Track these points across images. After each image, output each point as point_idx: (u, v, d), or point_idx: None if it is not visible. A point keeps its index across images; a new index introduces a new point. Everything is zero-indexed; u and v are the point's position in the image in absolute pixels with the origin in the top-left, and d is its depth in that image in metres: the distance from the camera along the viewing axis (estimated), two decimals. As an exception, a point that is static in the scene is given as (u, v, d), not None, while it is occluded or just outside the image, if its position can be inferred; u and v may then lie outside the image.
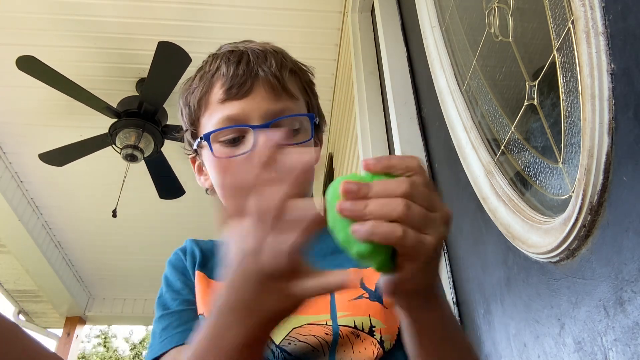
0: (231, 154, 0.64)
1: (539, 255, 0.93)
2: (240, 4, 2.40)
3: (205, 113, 0.68)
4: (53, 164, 2.78)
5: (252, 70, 0.65)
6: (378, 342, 0.56)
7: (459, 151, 1.37)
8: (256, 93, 0.65)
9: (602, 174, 0.74)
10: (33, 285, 4.09)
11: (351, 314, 0.57)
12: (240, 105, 0.64)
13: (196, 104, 0.69)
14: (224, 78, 0.66)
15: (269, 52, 0.69)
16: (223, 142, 0.65)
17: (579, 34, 0.78)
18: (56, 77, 2.32)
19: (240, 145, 0.64)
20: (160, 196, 3.04)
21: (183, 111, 0.73)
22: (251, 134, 0.63)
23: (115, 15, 2.43)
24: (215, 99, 0.66)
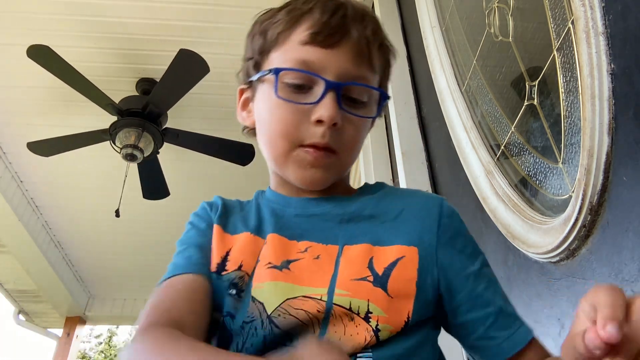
0: (293, 99, 0.60)
1: (539, 255, 0.94)
2: (240, 4, 2.40)
3: (280, 48, 0.63)
4: (39, 154, 2.78)
5: (346, 26, 0.62)
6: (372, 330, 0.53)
7: (459, 151, 1.37)
8: (341, 49, 0.61)
9: (602, 174, 0.74)
10: (33, 285, 4.08)
11: (349, 295, 0.54)
12: (321, 55, 0.60)
13: (275, 35, 0.63)
14: (313, 21, 0.61)
15: (367, 15, 0.65)
16: (288, 84, 0.61)
17: (579, 34, 0.78)
18: (67, 68, 2.32)
19: (304, 94, 0.61)
20: (144, 196, 3.04)
21: (255, 38, 0.67)
22: (320, 86, 0.60)
23: (116, 15, 2.43)
24: (297, 38, 0.61)
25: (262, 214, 0.65)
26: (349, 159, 0.65)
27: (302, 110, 0.60)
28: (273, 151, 0.63)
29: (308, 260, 0.57)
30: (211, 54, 2.47)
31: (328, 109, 0.58)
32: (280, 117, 0.61)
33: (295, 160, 0.61)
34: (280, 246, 0.59)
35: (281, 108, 0.61)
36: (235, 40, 2.52)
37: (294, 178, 0.62)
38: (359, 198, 0.65)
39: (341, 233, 0.60)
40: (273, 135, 0.62)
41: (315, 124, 0.59)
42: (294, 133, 0.60)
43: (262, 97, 0.65)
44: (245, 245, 0.60)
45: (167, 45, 2.57)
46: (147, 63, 2.69)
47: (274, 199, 0.67)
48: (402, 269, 0.56)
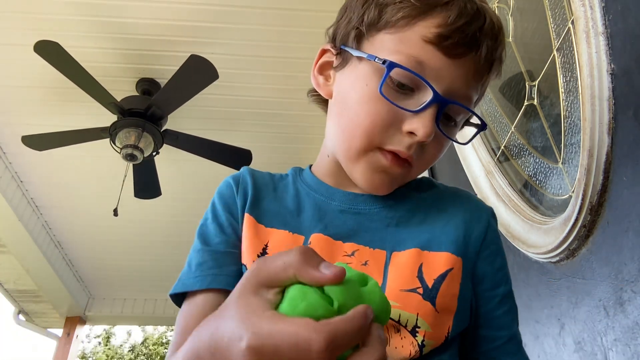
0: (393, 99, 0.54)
1: (539, 255, 0.93)
2: (240, 4, 2.39)
3: (396, 33, 0.55)
4: (33, 148, 2.78)
5: (479, 40, 0.54)
6: (418, 345, 0.51)
7: (459, 151, 1.37)
8: (464, 63, 0.54)
9: (602, 174, 0.74)
10: (33, 285, 4.08)
11: (399, 306, 0.51)
12: (441, 62, 0.53)
13: (396, 17, 0.55)
14: (446, 19, 0.53)
15: (501, 33, 0.58)
16: (392, 79, 0.54)
17: (579, 34, 0.78)
18: (73, 65, 2.32)
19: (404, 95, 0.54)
20: (136, 194, 3.04)
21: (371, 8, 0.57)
22: (426, 96, 0.53)
23: (116, 15, 2.42)
24: (421, 32, 0.54)
25: (302, 202, 0.61)
26: (419, 173, 0.60)
27: (397, 113, 0.54)
28: (348, 143, 0.57)
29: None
30: (211, 53, 2.47)
31: (426, 126, 0.53)
32: (371, 113, 0.55)
33: (368, 162, 0.57)
34: (326, 247, 0.56)
35: (377, 104, 0.55)
36: (239, 40, 2.52)
37: (361, 178, 0.58)
38: (408, 199, 0.61)
39: (389, 237, 0.57)
40: (357, 127, 0.56)
41: (406, 134, 0.54)
42: (380, 135, 0.55)
43: (356, 78, 0.58)
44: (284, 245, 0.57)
45: (168, 45, 2.57)
46: (147, 63, 2.69)
47: (316, 188, 0.62)
48: (449, 282, 0.54)
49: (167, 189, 3.14)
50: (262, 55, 2.62)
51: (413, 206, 0.60)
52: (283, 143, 3.06)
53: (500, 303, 0.58)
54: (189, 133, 2.76)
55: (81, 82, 2.41)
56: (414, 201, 0.61)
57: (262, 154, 2.93)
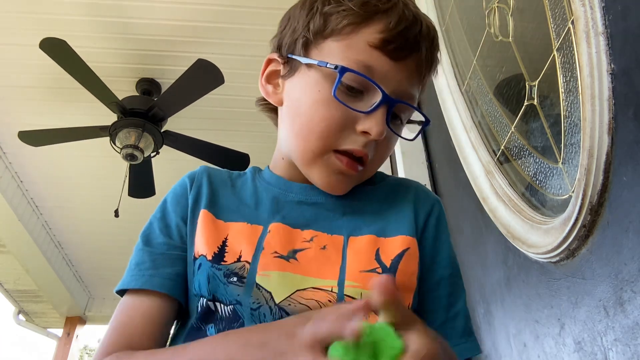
0: (345, 102, 0.56)
1: (539, 255, 0.93)
2: (241, 5, 2.39)
3: (343, 41, 0.58)
4: (29, 144, 2.78)
5: (418, 43, 0.58)
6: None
7: (459, 151, 1.37)
8: (406, 65, 0.58)
9: (602, 174, 0.74)
10: (33, 285, 4.08)
11: (360, 286, 0.54)
12: (386, 65, 0.57)
13: (341, 25, 0.58)
14: (388, 25, 0.57)
15: (436, 36, 0.62)
16: (343, 83, 0.56)
17: (579, 34, 0.78)
18: (78, 63, 2.32)
19: (354, 97, 0.57)
20: (130, 193, 3.04)
21: (313, 16, 0.60)
22: (376, 97, 0.56)
23: (117, 15, 2.42)
24: (366, 38, 0.57)
25: (260, 197, 0.63)
26: (373, 170, 0.64)
27: (349, 115, 0.57)
28: (303, 147, 0.60)
29: (315, 250, 0.57)
30: (211, 54, 2.47)
31: (378, 124, 0.56)
32: (326, 117, 0.57)
33: (325, 164, 0.59)
34: (285, 235, 0.58)
35: (330, 108, 0.57)
36: (239, 40, 2.52)
37: (318, 180, 0.61)
38: (362, 191, 0.64)
39: (345, 224, 0.60)
40: (311, 132, 0.58)
41: (360, 134, 0.57)
42: (335, 137, 0.58)
43: (307, 84, 0.60)
44: (243, 235, 0.59)
45: (168, 45, 2.57)
46: (148, 63, 2.69)
47: (274, 183, 0.65)
48: (407, 261, 0.57)
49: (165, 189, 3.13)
50: (262, 56, 2.59)
51: (367, 197, 0.64)
52: (283, 143, 3.06)
53: (437, 286, 0.61)
54: (189, 132, 2.76)
55: (85, 81, 2.41)
56: (368, 193, 0.64)
57: (262, 154, 2.93)
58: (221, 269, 0.55)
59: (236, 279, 0.54)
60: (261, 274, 0.54)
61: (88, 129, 2.70)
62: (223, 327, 0.54)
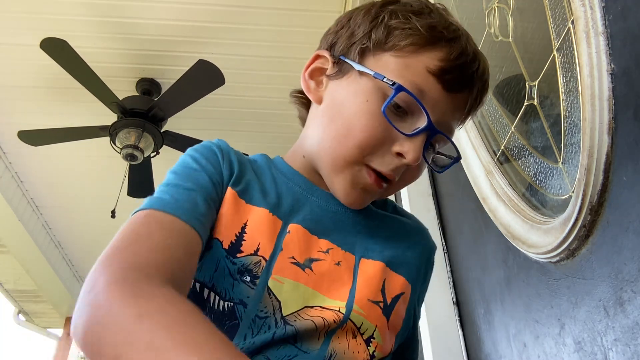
0: (391, 120, 0.56)
1: (539, 255, 0.93)
2: (241, 4, 2.39)
3: (402, 58, 0.57)
4: (28, 143, 2.78)
5: (473, 80, 0.58)
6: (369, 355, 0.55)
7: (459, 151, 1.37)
8: (457, 99, 0.58)
9: (602, 174, 0.74)
10: (33, 285, 4.09)
11: (364, 315, 0.55)
12: (439, 94, 0.56)
13: (405, 42, 0.57)
14: (449, 55, 0.56)
15: (487, 74, 0.62)
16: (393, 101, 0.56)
17: (579, 34, 0.78)
18: (79, 64, 2.33)
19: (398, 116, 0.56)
20: (129, 192, 3.05)
21: (377, 25, 0.59)
22: (420, 122, 0.56)
23: (116, 15, 2.43)
24: (426, 62, 0.56)
25: (280, 189, 0.61)
26: (393, 192, 0.63)
27: (390, 133, 0.56)
28: (337, 152, 0.58)
29: (329, 263, 0.57)
30: (211, 54, 2.47)
31: (416, 150, 0.55)
32: (368, 128, 0.56)
33: (352, 175, 0.58)
34: (304, 240, 0.57)
35: (374, 121, 0.56)
36: (239, 40, 2.52)
37: (340, 189, 0.59)
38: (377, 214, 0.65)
39: (358, 242, 0.60)
40: (349, 139, 0.57)
41: (394, 155, 0.56)
42: (371, 151, 0.57)
43: (356, 91, 0.58)
44: (263, 225, 0.56)
45: (168, 45, 2.57)
46: (148, 63, 2.69)
47: (295, 179, 0.62)
48: (400, 304, 0.60)
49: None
50: (262, 56, 2.62)
51: (381, 222, 0.65)
52: (284, 143, 3.06)
53: (415, 330, 0.67)
54: (189, 133, 2.76)
55: (85, 81, 2.41)
56: (383, 217, 0.66)
57: (262, 154, 2.93)
58: (236, 264, 0.53)
59: (249, 278, 0.53)
60: (275, 277, 0.53)
61: (88, 129, 2.70)
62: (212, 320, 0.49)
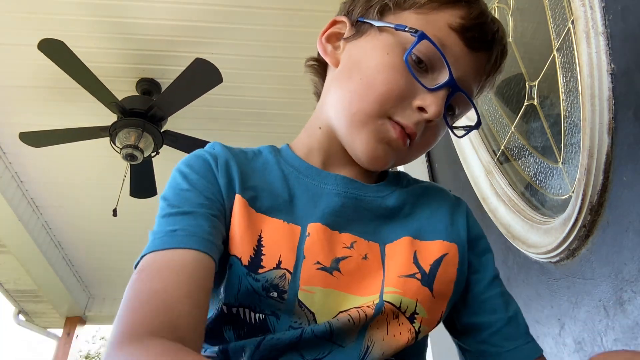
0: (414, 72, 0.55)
1: (539, 255, 0.93)
2: (241, 4, 2.39)
3: (423, 15, 0.57)
4: (30, 145, 2.78)
5: (493, 41, 0.58)
6: (415, 332, 0.51)
7: (459, 151, 1.37)
8: (476, 58, 0.57)
9: (602, 174, 0.74)
10: (33, 285, 4.08)
11: (400, 292, 0.51)
12: (460, 50, 0.56)
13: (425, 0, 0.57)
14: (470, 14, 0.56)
15: (505, 39, 0.62)
16: (413, 53, 0.55)
17: (579, 34, 0.78)
18: (77, 64, 2.32)
19: (421, 73, 0.55)
20: (132, 193, 3.05)
21: None
22: (442, 77, 0.55)
23: (117, 15, 2.42)
24: (447, 18, 0.56)
25: (292, 188, 0.58)
26: (415, 156, 0.61)
27: (412, 86, 0.55)
28: (357, 107, 0.56)
29: (357, 260, 0.54)
30: (211, 54, 2.47)
31: (438, 104, 0.54)
32: (389, 81, 0.55)
33: (376, 130, 0.56)
34: (326, 240, 0.54)
35: (396, 73, 0.55)
36: (239, 40, 2.52)
37: (362, 147, 0.57)
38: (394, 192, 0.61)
39: (379, 228, 0.57)
40: (371, 92, 0.55)
41: (415, 109, 0.55)
42: (393, 104, 0.55)
43: (375, 46, 0.57)
44: (280, 236, 0.53)
45: (168, 45, 2.57)
46: (148, 63, 2.69)
47: (305, 172, 0.59)
48: (445, 267, 0.55)
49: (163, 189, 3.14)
50: (262, 56, 2.62)
51: (400, 199, 0.61)
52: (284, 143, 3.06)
53: (489, 286, 0.59)
54: (189, 133, 2.76)
55: (84, 81, 2.41)
56: (400, 194, 0.61)
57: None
58: (259, 280, 0.50)
59: (276, 294, 0.50)
60: (304, 289, 0.50)
61: (89, 130, 2.70)
62: (245, 334, 0.50)
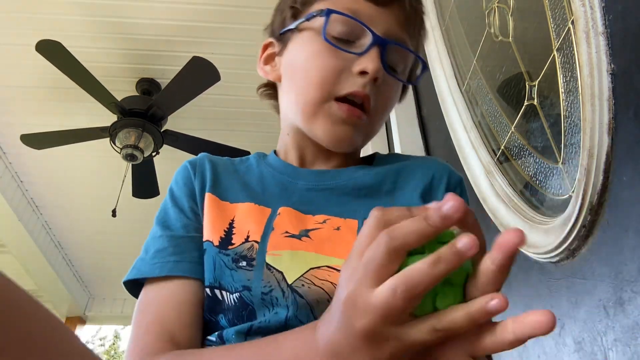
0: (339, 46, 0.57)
1: (539, 255, 0.93)
2: (240, 4, 2.39)
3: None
4: (32, 147, 2.79)
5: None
6: None
7: (459, 151, 1.37)
8: (392, 10, 0.59)
9: (602, 174, 0.74)
10: (33, 285, 4.08)
11: None
12: (372, 10, 0.58)
13: None
14: None
15: None
16: (333, 34, 0.58)
17: (579, 34, 0.78)
18: (75, 65, 2.33)
19: (349, 44, 0.58)
20: (134, 194, 3.05)
21: None
22: (367, 39, 0.57)
23: (117, 15, 2.43)
24: None
25: (265, 183, 0.61)
26: (378, 123, 0.63)
27: (344, 59, 0.57)
28: (304, 100, 0.59)
29: (328, 230, 0.54)
30: (211, 54, 2.47)
31: (374, 61, 0.56)
32: (321, 65, 0.58)
33: (326, 114, 0.58)
34: (296, 218, 0.56)
35: (323, 55, 0.58)
36: (239, 40, 2.52)
37: (323, 133, 0.59)
38: (375, 169, 0.62)
39: (359, 207, 0.57)
40: (308, 83, 0.58)
41: (357, 75, 0.56)
42: (333, 82, 0.57)
43: (299, 45, 0.61)
44: (250, 216, 0.56)
45: (168, 45, 2.57)
46: (147, 63, 2.69)
47: (281, 169, 0.63)
48: None
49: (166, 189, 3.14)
50: (262, 55, 2.63)
51: (378, 177, 0.61)
52: (283, 143, 3.07)
53: None
54: (189, 133, 2.77)
55: (82, 82, 2.41)
56: (379, 172, 0.62)
57: (262, 154, 2.93)
58: (229, 254, 0.53)
59: (245, 262, 0.52)
60: (271, 253, 0.52)
61: (89, 131, 2.71)
62: (232, 317, 0.51)
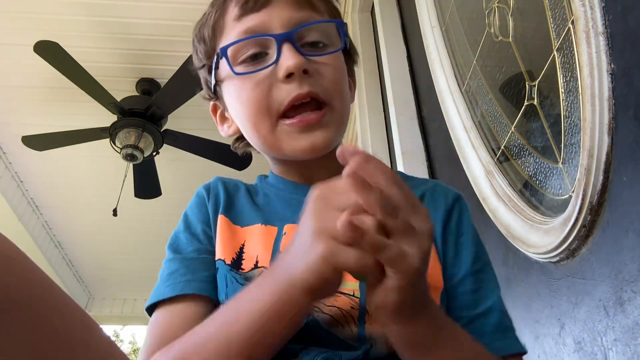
0: (253, 70, 0.58)
1: (539, 255, 0.93)
2: (240, 4, 2.40)
3: (221, 38, 0.61)
4: (33, 148, 2.79)
5: None
6: None
7: (459, 151, 1.37)
8: (276, 4, 0.59)
9: (602, 174, 0.74)
10: (33, 285, 4.08)
11: None
12: (259, 17, 0.58)
13: (211, 32, 0.63)
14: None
15: None
16: (244, 61, 0.58)
17: (579, 34, 0.78)
18: (73, 66, 2.33)
19: (264, 60, 0.58)
20: (136, 194, 3.05)
21: (198, 49, 0.65)
22: (273, 45, 0.57)
23: (117, 15, 2.43)
24: (231, 18, 0.60)
25: (270, 201, 0.63)
26: (342, 107, 0.61)
27: (267, 76, 0.57)
28: (259, 136, 0.60)
29: None
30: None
31: (290, 58, 0.55)
32: (249, 97, 0.58)
33: (284, 135, 0.58)
34: None
35: (246, 87, 0.58)
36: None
37: (291, 151, 0.58)
38: None
39: None
40: (252, 120, 0.59)
41: (285, 81, 0.56)
42: (268, 105, 0.57)
43: (228, 94, 0.63)
44: (259, 239, 0.58)
45: (168, 45, 2.57)
46: (147, 63, 2.69)
47: (283, 187, 0.64)
48: (433, 262, 0.55)
49: (167, 189, 3.14)
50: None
51: None
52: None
53: (461, 283, 0.57)
54: (189, 132, 2.76)
55: (81, 83, 2.41)
56: None
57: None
58: (241, 275, 0.55)
59: None
60: None
61: (90, 131, 2.71)
62: None
